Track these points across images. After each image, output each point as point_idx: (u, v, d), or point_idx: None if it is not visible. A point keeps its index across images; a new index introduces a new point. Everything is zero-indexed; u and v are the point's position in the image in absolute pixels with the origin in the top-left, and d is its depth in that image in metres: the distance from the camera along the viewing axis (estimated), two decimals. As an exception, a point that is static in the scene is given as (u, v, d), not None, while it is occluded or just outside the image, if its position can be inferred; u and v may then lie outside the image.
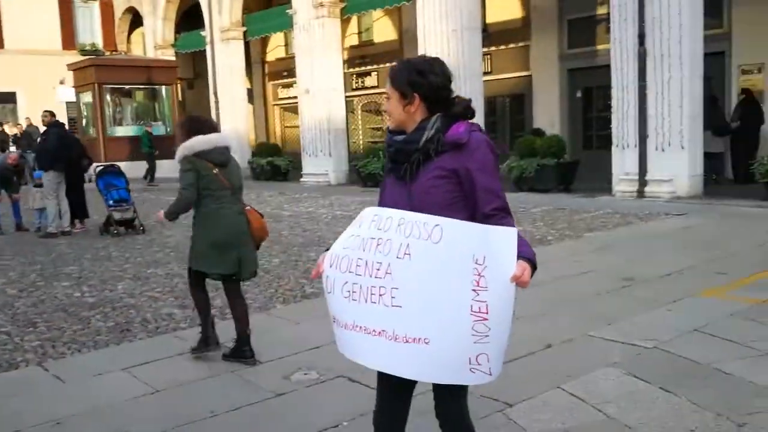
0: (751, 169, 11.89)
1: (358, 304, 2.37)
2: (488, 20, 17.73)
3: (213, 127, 5.04)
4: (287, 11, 19.81)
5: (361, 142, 23.75)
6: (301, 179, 19.50)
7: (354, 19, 22.19)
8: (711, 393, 3.98)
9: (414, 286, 2.26)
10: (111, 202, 11.10)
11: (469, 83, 15.08)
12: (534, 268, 2.23)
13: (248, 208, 5.06)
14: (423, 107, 2.39)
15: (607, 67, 15.66)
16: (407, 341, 2.28)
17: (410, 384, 2.50)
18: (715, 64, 14.42)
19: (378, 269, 2.31)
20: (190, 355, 5.05)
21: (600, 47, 17.28)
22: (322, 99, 18.83)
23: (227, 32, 22.24)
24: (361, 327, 2.38)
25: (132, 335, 5.74)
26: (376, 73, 23.18)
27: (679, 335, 5.01)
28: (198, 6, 23.63)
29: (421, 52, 16.01)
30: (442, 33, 15.34)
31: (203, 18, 23.15)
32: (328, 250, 2.56)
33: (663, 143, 12.12)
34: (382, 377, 2.51)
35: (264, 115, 27.66)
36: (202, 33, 23.32)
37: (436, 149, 2.35)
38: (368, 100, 23.86)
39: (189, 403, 4.25)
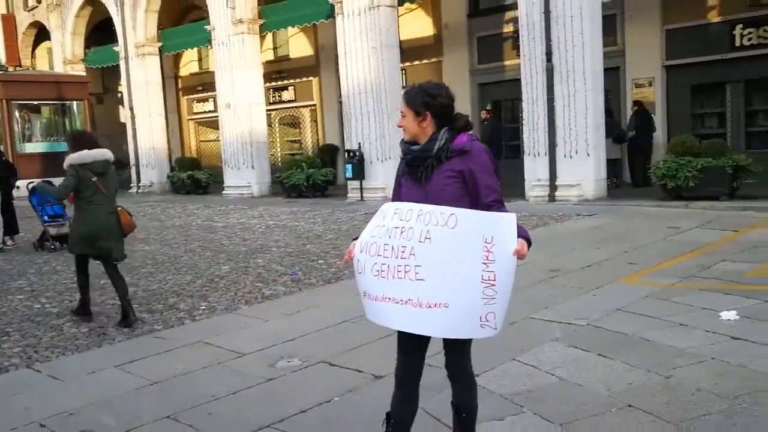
0: (648, 173, 13.19)
1: (386, 280, 2.97)
2: (402, 37, 18.59)
3: (94, 143, 6.48)
4: (205, 27, 20.03)
5: (279, 154, 24.14)
6: (224, 192, 19.73)
7: (270, 35, 22.61)
8: (640, 356, 4.79)
9: (434, 263, 2.88)
10: (46, 217, 11.16)
11: (390, 97, 15.88)
12: (530, 244, 2.90)
13: (120, 208, 6.56)
14: (433, 122, 3.04)
15: (515, 81, 16.85)
16: (430, 306, 2.90)
17: (425, 343, 3.11)
18: (612, 78, 15.83)
19: (403, 252, 2.92)
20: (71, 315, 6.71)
21: (507, 63, 18.51)
22: (244, 113, 19.17)
23: (143, 47, 22.18)
24: (390, 298, 2.98)
25: (110, 338, 6.07)
26: (293, 87, 23.68)
27: (606, 314, 5.85)
28: (108, 20, 23.44)
29: (342, 68, 16.72)
30: (363, 50, 16.08)
31: (115, 33, 22.99)
32: (356, 239, 3.15)
33: (571, 151, 13.27)
34: (402, 339, 3.11)
35: (179, 130, 27.56)
36: (115, 48, 23.13)
37: (446, 155, 3.00)
38: (285, 114, 24.32)
39: (189, 391, 4.70)
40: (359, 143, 16.45)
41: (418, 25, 19.66)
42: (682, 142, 12.25)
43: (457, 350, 3.12)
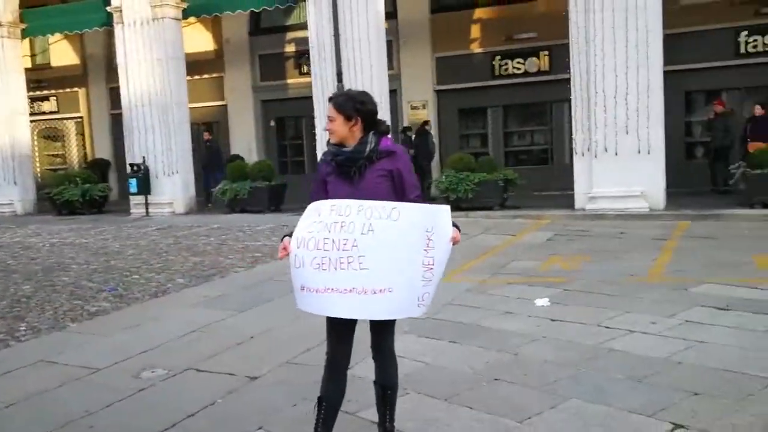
0: (429, 187, 14.43)
1: (327, 272, 3.22)
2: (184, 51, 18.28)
3: None
4: (-46, 27, 17.94)
5: (39, 169, 22.22)
6: (-20, 211, 17.77)
7: (27, 42, 20.83)
8: (485, 339, 5.46)
9: (378, 252, 3.18)
10: None
11: (176, 110, 15.57)
12: (459, 231, 3.33)
13: None
14: (360, 127, 3.36)
15: (299, 99, 17.44)
16: (375, 292, 3.21)
17: (354, 328, 3.40)
18: (390, 100, 17.01)
19: (345, 244, 3.19)
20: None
21: (290, 81, 19.04)
22: (4, 123, 17.47)
23: None
24: (332, 289, 3.22)
25: None
26: (54, 98, 22.02)
27: (441, 307, 6.47)
28: None
29: (123, 79, 16.04)
30: (147, 61, 15.60)
31: None
32: (288, 235, 3.36)
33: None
34: (336, 326, 3.37)
35: None
36: None
37: (376, 156, 3.34)
38: (46, 126, 22.49)
39: (57, 409, 4.45)
40: (143, 157, 15.86)
41: (200, 39, 19.43)
42: (460, 159, 13.62)
43: (386, 330, 3.46)
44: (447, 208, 3.30)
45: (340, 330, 3.39)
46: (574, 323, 5.72)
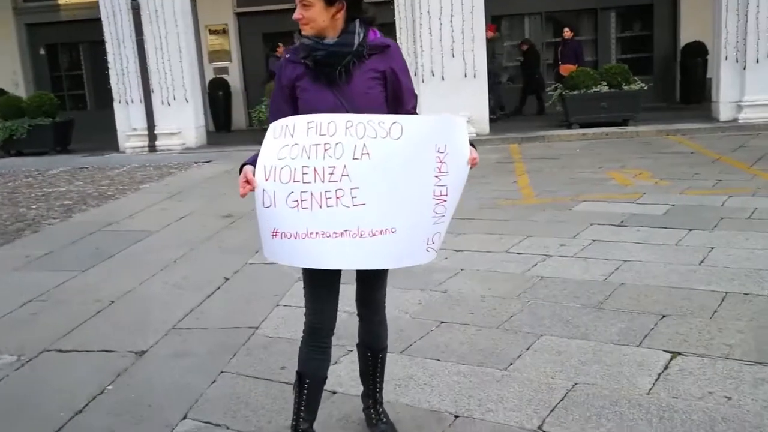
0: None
1: (310, 211, 2.38)
2: None
3: None
4: None
5: None
6: None
7: None
8: (396, 279, 4.85)
9: (377, 182, 2.40)
10: None
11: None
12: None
13: None
14: (344, 14, 2.48)
15: (75, 22, 15.25)
16: (374, 234, 2.43)
17: (338, 283, 2.60)
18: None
19: (332, 173, 2.37)
20: None
21: (62, 1, 16.48)
22: None
23: None
24: (317, 233, 2.40)
25: None
26: None
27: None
28: None
29: None
30: None
31: None
32: (248, 163, 2.45)
33: (168, 98, 12.53)
34: (317, 281, 2.55)
35: None
36: None
37: (367, 52, 2.50)
38: None
39: None
40: None
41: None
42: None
43: (379, 280, 2.70)
44: (463, 119, 2.57)
45: (322, 285, 2.57)
46: (482, 252, 5.30)
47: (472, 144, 2.52)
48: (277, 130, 2.42)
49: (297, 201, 2.38)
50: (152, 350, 3.91)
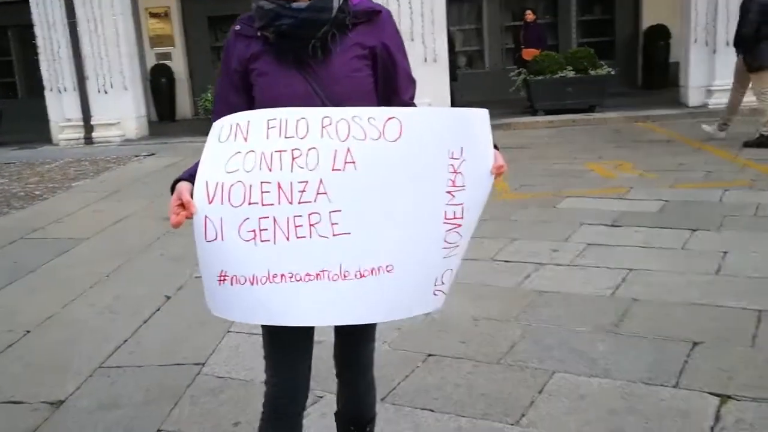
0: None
1: (273, 245, 1.67)
2: None
3: None
4: None
5: None
6: None
7: None
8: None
9: (366, 202, 1.71)
10: None
11: None
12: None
13: None
14: None
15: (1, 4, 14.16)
16: (362, 275, 1.73)
17: (310, 341, 1.90)
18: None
19: (303, 191, 1.66)
20: None
21: (-12, -19, 15.19)
22: None
23: None
24: (282, 275, 1.69)
25: None
26: None
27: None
28: None
29: None
30: None
31: None
32: (182, 180, 1.71)
33: (105, 85, 11.54)
34: (277, 342, 1.84)
35: None
36: None
37: (350, 20, 1.78)
38: None
39: None
40: None
41: None
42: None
43: (366, 335, 2.00)
44: (485, 111, 1.81)
45: (289, 346, 1.86)
46: (465, 260, 4.63)
47: (495, 146, 1.83)
48: (225, 131, 1.69)
49: (254, 231, 1.68)
50: (72, 400, 3.14)
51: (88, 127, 11.58)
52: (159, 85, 14.60)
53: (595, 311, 3.62)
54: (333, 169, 1.67)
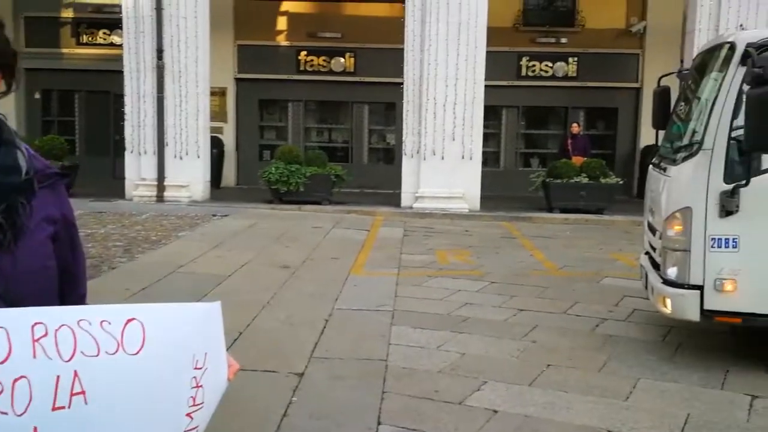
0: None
1: None
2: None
3: None
4: None
5: None
6: None
7: None
8: (481, 327, 5.70)
9: None
10: None
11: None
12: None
13: None
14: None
15: (74, 71, 15.97)
16: None
17: None
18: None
19: None
20: None
21: (65, 50, 17.03)
22: None
23: None
24: None
25: None
26: None
27: (395, 299, 6.54)
28: None
29: None
30: None
31: None
32: None
33: (181, 152, 13.19)
34: None
35: None
36: None
37: (38, 183, 1.35)
38: None
39: None
40: None
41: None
42: (290, 151, 13.47)
43: None
44: (218, 305, 1.40)
45: None
46: (543, 313, 6.21)
47: None
48: None
49: None
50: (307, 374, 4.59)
51: (161, 187, 13.14)
52: (211, 154, 16.28)
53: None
54: (54, 409, 1.13)
